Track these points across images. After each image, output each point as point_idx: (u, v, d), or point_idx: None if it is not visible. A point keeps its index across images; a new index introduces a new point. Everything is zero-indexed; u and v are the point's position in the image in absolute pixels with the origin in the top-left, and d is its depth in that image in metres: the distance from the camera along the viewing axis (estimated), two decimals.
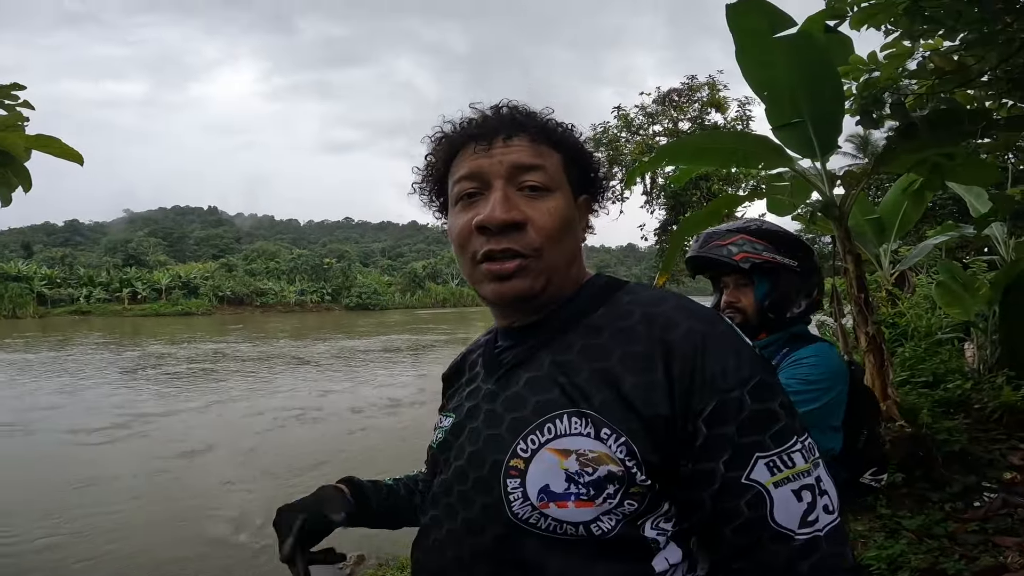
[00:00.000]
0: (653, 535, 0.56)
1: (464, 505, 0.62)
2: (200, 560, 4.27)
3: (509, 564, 0.58)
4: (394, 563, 4.14)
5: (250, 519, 4.86)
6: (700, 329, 0.57)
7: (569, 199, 0.64)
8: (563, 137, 0.66)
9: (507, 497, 0.57)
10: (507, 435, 0.59)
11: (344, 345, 20.32)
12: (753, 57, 2.69)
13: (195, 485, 5.87)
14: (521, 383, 0.62)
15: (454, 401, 0.73)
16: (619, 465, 0.54)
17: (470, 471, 0.62)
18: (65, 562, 4.22)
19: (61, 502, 5.30)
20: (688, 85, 12.30)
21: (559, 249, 0.62)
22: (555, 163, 0.64)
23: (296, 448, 7.17)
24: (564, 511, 0.55)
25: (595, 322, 0.62)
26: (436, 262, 60.03)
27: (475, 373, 0.72)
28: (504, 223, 0.59)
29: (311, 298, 46.34)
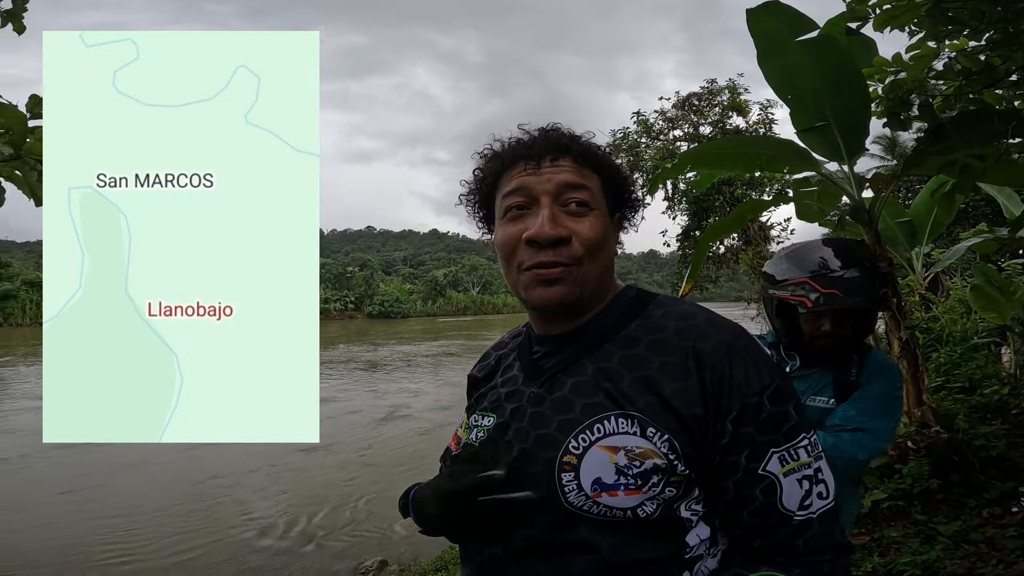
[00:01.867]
0: (687, 515, 0.65)
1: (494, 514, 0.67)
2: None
3: (562, 548, 0.65)
4: (415, 568, 4.19)
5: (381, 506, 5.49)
6: (727, 341, 0.65)
7: (606, 217, 0.71)
8: (602, 161, 0.72)
9: (562, 489, 0.64)
10: (558, 435, 0.66)
11: (403, 350, 21.09)
12: (775, 61, 2.68)
13: (322, 477, 6.47)
14: (567, 388, 0.69)
15: (488, 401, 0.78)
16: (663, 459, 0.62)
17: (522, 468, 0.68)
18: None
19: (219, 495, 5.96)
20: (708, 89, 12.16)
21: (597, 262, 0.69)
22: (595, 184, 0.70)
23: (400, 442, 7.93)
24: (615, 499, 0.62)
25: (631, 333, 0.69)
26: (457, 270, 60.40)
27: (512, 375, 0.77)
28: (553, 239, 0.66)
29: (335, 306, 47.04)
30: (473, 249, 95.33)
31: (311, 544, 4.90)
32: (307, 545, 4.87)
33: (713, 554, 0.66)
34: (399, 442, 7.97)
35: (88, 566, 4.41)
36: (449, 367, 17.00)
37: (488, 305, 57.47)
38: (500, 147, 0.73)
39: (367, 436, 8.43)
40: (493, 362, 0.84)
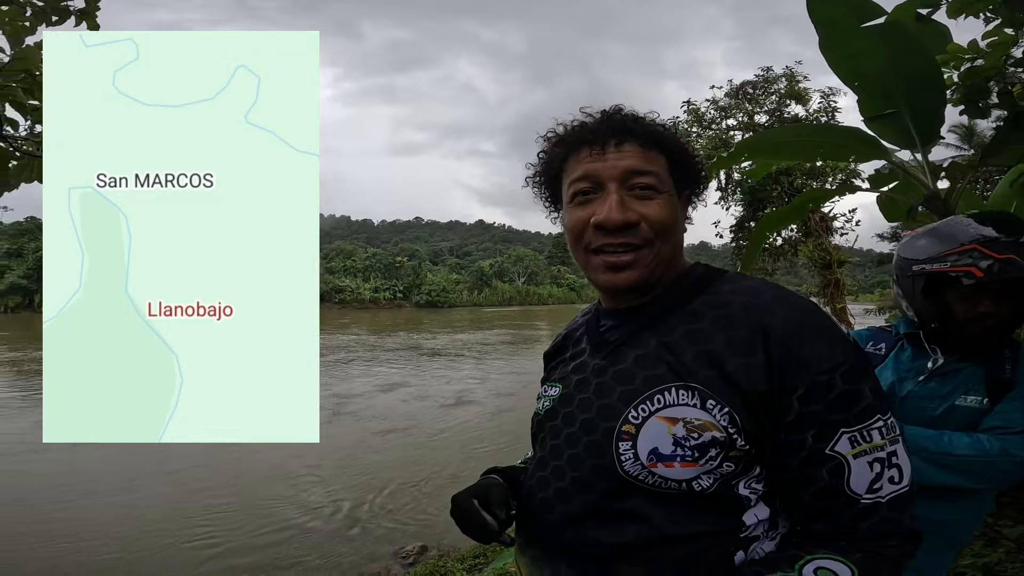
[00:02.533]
0: (746, 493, 0.65)
1: (574, 466, 0.70)
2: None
3: (616, 516, 0.66)
4: (455, 554, 4.26)
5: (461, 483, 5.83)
6: (797, 318, 0.63)
7: (675, 198, 0.71)
8: (668, 141, 0.72)
9: (619, 458, 0.65)
10: (618, 404, 0.67)
11: (461, 338, 21.86)
12: (839, 48, 2.58)
13: (397, 456, 6.95)
14: (630, 360, 0.69)
15: (558, 373, 0.80)
16: (722, 432, 0.62)
17: (582, 436, 0.70)
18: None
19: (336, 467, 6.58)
20: (763, 77, 11.67)
21: (666, 243, 0.69)
22: (663, 166, 0.70)
23: (469, 426, 8.36)
24: (671, 470, 0.63)
25: (696, 309, 0.69)
26: (503, 260, 60.69)
27: (580, 349, 0.79)
28: (621, 223, 0.67)
29: (384, 295, 48.38)
30: (519, 240, 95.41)
31: (356, 527, 5.08)
32: (353, 528, 5.06)
33: (772, 537, 0.65)
34: (468, 426, 8.35)
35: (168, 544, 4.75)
36: (509, 356, 17.55)
37: (533, 296, 57.45)
38: (564, 131, 0.74)
39: (440, 419, 8.85)
40: (562, 339, 0.87)
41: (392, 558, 4.59)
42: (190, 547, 4.67)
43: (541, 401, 0.80)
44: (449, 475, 6.32)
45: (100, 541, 4.73)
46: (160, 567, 4.33)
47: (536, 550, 0.74)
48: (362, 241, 75.87)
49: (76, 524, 4.96)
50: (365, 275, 50.21)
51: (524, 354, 18.24)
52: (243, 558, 4.47)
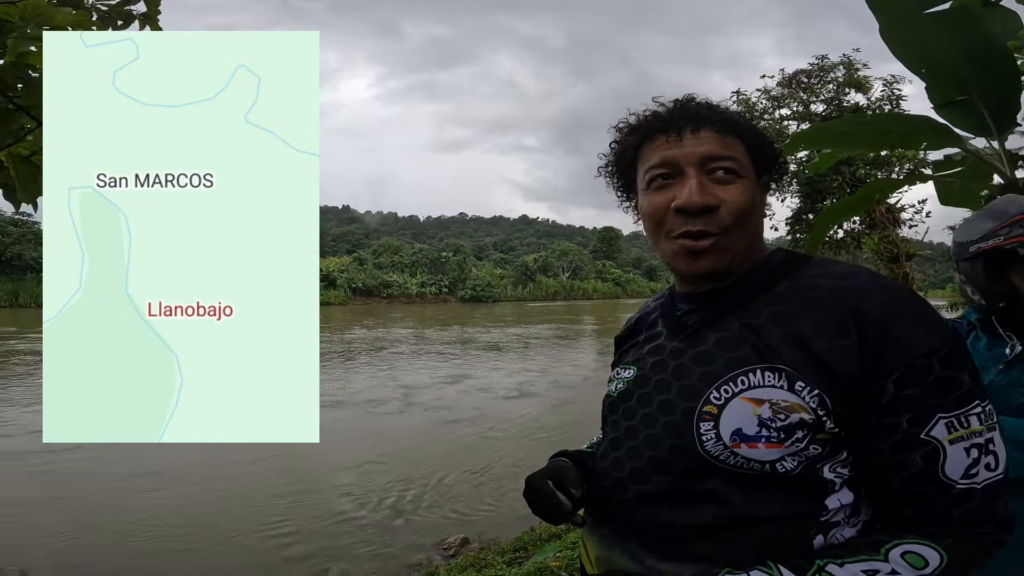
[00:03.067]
0: (831, 477, 0.64)
1: (651, 446, 0.70)
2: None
3: (694, 496, 0.66)
4: (495, 547, 4.27)
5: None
6: (895, 301, 0.63)
7: (754, 183, 0.71)
8: (744, 126, 0.72)
9: (699, 438, 0.65)
10: (699, 385, 0.67)
11: (514, 332, 22.43)
12: (903, 34, 2.45)
13: (460, 445, 7.27)
14: (710, 342, 0.70)
15: (631, 356, 0.82)
16: (810, 413, 0.61)
17: (660, 416, 0.70)
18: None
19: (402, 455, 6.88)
20: (818, 65, 11.10)
21: (746, 229, 0.69)
22: (740, 151, 0.70)
23: (531, 415, 8.85)
24: (754, 451, 0.63)
25: (781, 292, 0.69)
26: (547, 255, 60.47)
27: (655, 332, 0.80)
28: (701, 207, 0.67)
29: (430, 290, 49.25)
30: (563, 234, 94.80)
31: (400, 519, 5.19)
32: (396, 520, 5.17)
33: (853, 524, 0.65)
34: (529, 418, 8.69)
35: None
36: (564, 349, 17.86)
37: (578, 291, 56.97)
38: (637, 120, 0.75)
39: (504, 410, 9.19)
40: (635, 322, 0.89)
41: (434, 549, 4.66)
42: (243, 538, 4.90)
43: (614, 383, 0.81)
44: (508, 464, 6.48)
45: (155, 533, 5.03)
46: (214, 557, 4.57)
47: (607, 529, 0.74)
48: (408, 237, 77.56)
49: (153, 513, 5.30)
50: (412, 270, 51.27)
51: (578, 347, 18.75)
52: (310, 544, 4.65)
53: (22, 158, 1.16)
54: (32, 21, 1.00)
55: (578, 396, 10.17)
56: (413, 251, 54.80)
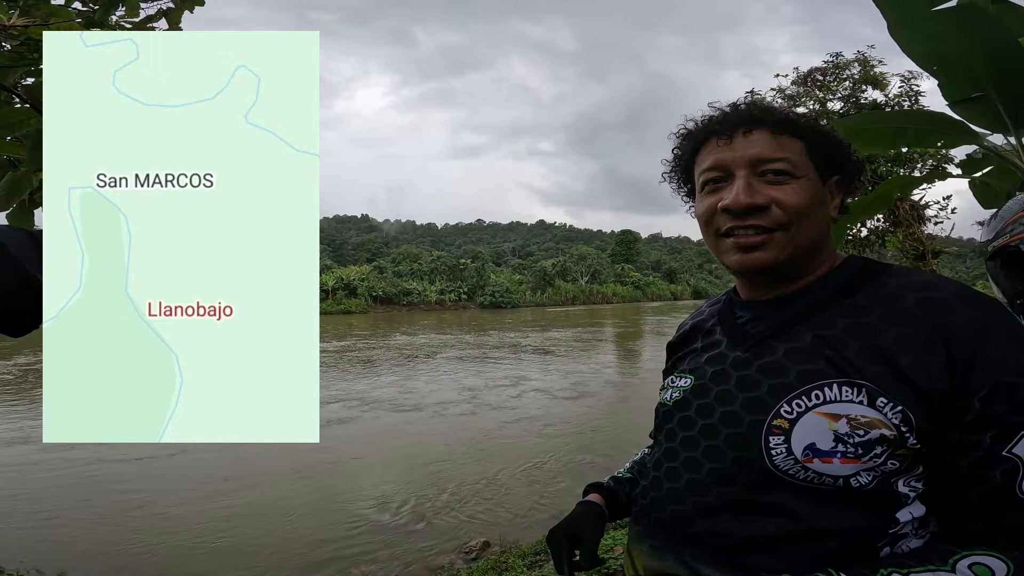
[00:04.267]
0: (905, 491, 0.63)
1: (712, 458, 0.69)
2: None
3: (757, 508, 0.65)
4: (516, 550, 4.25)
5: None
6: (984, 317, 0.61)
7: (816, 182, 0.69)
8: (805, 126, 0.71)
9: (768, 452, 0.64)
10: (768, 398, 0.66)
11: (554, 336, 23.24)
12: (912, 32, 2.42)
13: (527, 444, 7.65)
14: (779, 353, 0.68)
15: (687, 364, 0.80)
16: (892, 430, 0.60)
17: (722, 428, 0.69)
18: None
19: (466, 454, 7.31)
20: (833, 63, 10.95)
21: (805, 228, 0.68)
22: (798, 150, 0.69)
23: (591, 414, 9.38)
24: (828, 466, 0.62)
25: (859, 302, 0.67)
26: (565, 260, 60.32)
27: (713, 340, 0.78)
28: (747, 206, 0.67)
29: (449, 297, 49.49)
30: (580, 238, 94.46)
31: (422, 522, 5.20)
32: (418, 523, 5.18)
33: (921, 535, 0.64)
34: (589, 415, 9.21)
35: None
36: (608, 352, 18.37)
37: (597, 295, 56.65)
38: (693, 125, 0.76)
39: (566, 409, 9.69)
40: (689, 328, 0.87)
41: (455, 552, 4.65)
42: (267, 538, 4.96)
43: (668, 392, 0.80)
44: (560, 460, 6.72)
45: (187, 535, 5.11)
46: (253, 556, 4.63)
47: (659, 539, 0.73)
48: (427, 244, 78.17)
49: (184, 518, 5.41)
50: (431, 277, 51.63)
51: (620, 349, 19.11)
52: (335, 547, 4.69)
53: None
54: None
55: (633, 395, 10.76)
56: (432, 258, 55.21)
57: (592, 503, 0.91)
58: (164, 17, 1.63)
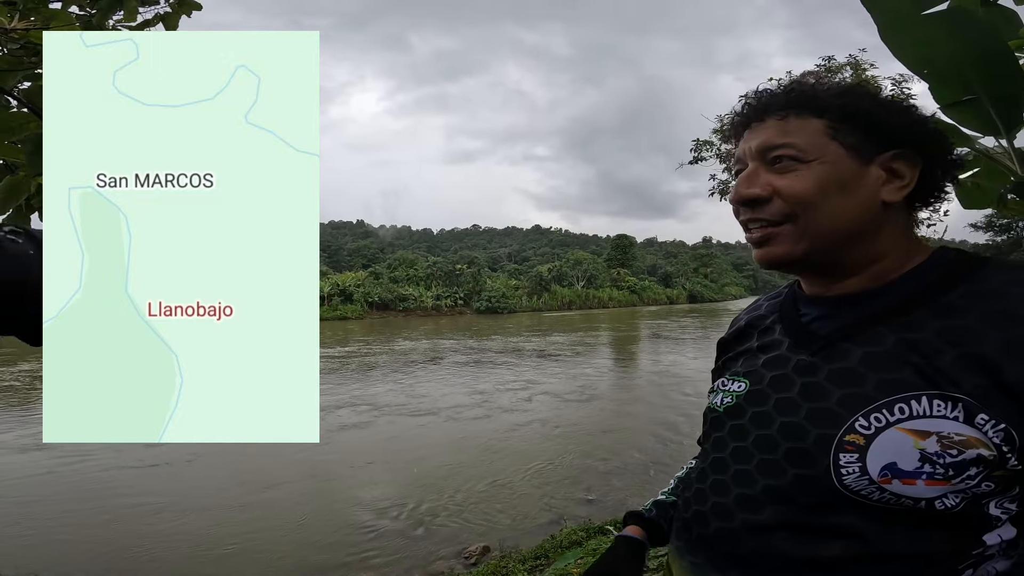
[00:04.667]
0: (996, 513, 0.58)
1: (767, 472, 0.63)
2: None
3: (819, 529, 0.60)
4: (516, 555, 4.23)
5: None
6: None
7: (838, 164, 0.63)
8: (824, 101, 0.64)
9: (837, 470, 0.58)
10: (840, 410, 0.59)
11: (556, 340, 23.60)
12: (902, 36, 2.44)
13: (539, 445, 7.88)
14: (855, 358, 0.61)
15: (741, 365, 0.74)
16: (992, 450, 0.54)
17: (782, 441, 0.63)
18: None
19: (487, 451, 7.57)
20: (825, 67, 11.09)
21: (819, 215, 0.62)
22: (812, 131, 0.64)
23: (601, 416, 9.66)
24: (910, 487, 0.56)
25: (954, 301, 0.59)
26: (561, 265, 60.37)
27: (772, 340, 0.72)
28: (744, 198, 0.65)
29: (446, 302, 49.39)
30: (576, 243, 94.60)
31: (420, 528, 5.17)
32: (417, 528, 5.15)
33: (1008, 556, 0.59)
34: (600, 418, 9.40)
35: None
36: (611, 355, 18.80)
37: (593, 299, 56.69)
38: (731, 119, 0.74)
39: (574, 412, 9.93)
40: (744, 324, 0.80)
41: (455, 558, 4.63)
42: (265, 540, 4.92)
43: (718, 395, 0.74)
44: (566, 463, 6.78)
45: (189, 541, 5.06)
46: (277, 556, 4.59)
47: (701, 557, 0.68)
48: (423, 250, 78.10)
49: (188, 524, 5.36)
50: (427, 283, 51.53)
51: (622, 352, 19.73)
52: (334, 554, 4.65)
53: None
54: None
55: (640, 396, 11.01)
56: (428, 264, 55.13)
57: (631, 539, 0.85)
58: (161, 21, 1.64)
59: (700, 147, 11.95)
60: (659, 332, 27.09)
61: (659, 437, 8.20)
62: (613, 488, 6.08)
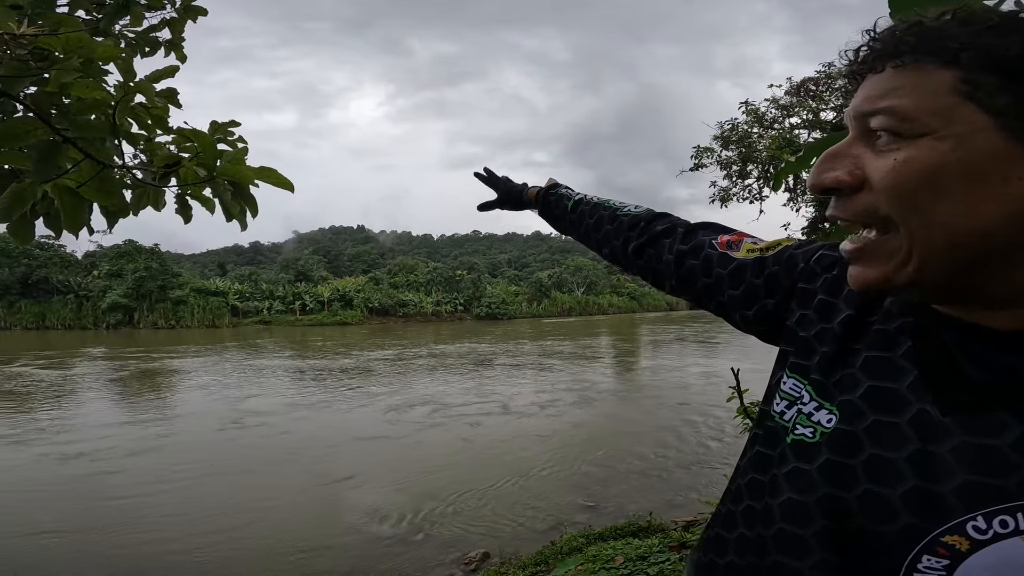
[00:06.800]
0: None
1: (825, 547, 0.47)
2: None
3: None
4: (516, 561, 4.21)
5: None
6: None
7: (972, 138, 0.40)
8: (962, 42, 0.41)
9: (911, 571, 0.43)
10: (954, 501, 0.42)
11: (589, 343, 24.16)
12: None
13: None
14: (1007, 437, 0.41)
15: (838, 383, 0.51)
16: None
17: (858, 514, 0.46)
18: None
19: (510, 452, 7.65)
20: (826, 73, 11.15)
21: (934, 217, 0.41)
22: (931, 89, 0.41)
23: (601, 421, 9.71)
24: None
25: None
26: (561, 271, 60.44)
27: (890, 362, 0.49)
28: (821, 186, 0.45)
29: (446, 308, 49.38)
30: (576, 250, 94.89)
31: (420, 534, 5.15)
32: (417, 535, 5.13)
33: None
34: (592, 427, 9.26)
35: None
36: (613, 360, 19.03)
37: (593, 306, 56.69)
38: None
39: (568, 419, 9.79)
40: (848, 318, 0.54)
41: (455, 564, 4.60)
42: (270, 541, 4.89)
43: (788, 413, 0.54)
44: (566, 470, 6.79)
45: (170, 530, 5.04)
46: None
47: None
48: (423, 255, 78.21)
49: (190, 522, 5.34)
50: (427, 289, 51.54)
51: (620, 357, 19.97)
52: (333, 559, 4.62)
53: (68, 190, 1.18)
54: (75, 53, 1.04)
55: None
56: (428, 270, 55.17)
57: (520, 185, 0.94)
58: (167, 27, 1.65)
59: (701, 154, 11.99)
60: (684, 336, 27.27)
61: (659, 442, 8.19)
62: (612, 495, 6.06)
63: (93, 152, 1.11)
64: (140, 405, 11.36)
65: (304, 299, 47.57)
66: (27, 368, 16.08)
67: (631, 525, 4.40)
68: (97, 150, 1.12)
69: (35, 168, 1.07)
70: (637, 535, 4.07)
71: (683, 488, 6.19)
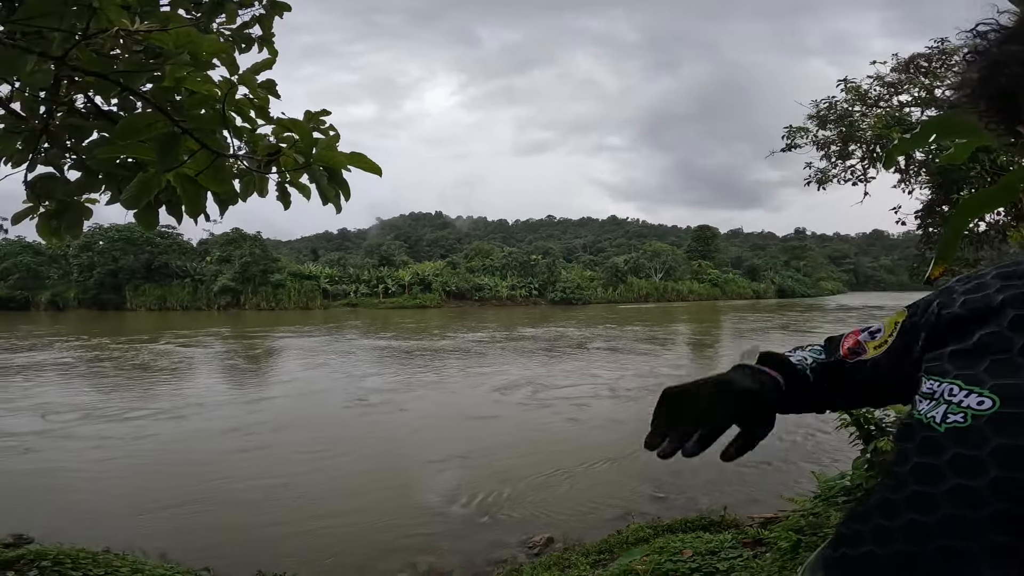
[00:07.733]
0: None
1: (1002, 527, 0.45)
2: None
3: None
4: (580, 548, 4.21)
5: None
6: None
7: None
8: None
9: None
10: None
11: (677, 329, 24.42)
12: None
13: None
14: None
15: (985, 366, 0.50)
16: None
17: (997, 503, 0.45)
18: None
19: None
20: (939, 48, 9.89)
21: None
22: None
23: None
24: None
25: None
26: (638, 256, 58.73)
27: None
28: None
29: (520, 292, 49.77)
30: (654, 234, 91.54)
31: (486, 516, 5.30)
32: (483, 517, 5.28)
33: None
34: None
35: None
36: (688, 348, 18.77)
37: (672, 292, 54.63)
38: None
39: (639, 408, 9.67)
40: (999, 304, 0.52)
41: (519, 547, 4.69)
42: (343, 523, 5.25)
43: (934, 403, 0.51)
44: (635, 458, 6.64)
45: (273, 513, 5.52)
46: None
47: None
48: (498, 241, 79.01)
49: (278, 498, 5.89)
50: (502, 273, 52.14)
51: (697, 345, 19.65)
52: (402, 536, 4.91)
53: (188, 178, 1.30)
54: (184, 48, 1.14)
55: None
56: (503, 254, 55.72)
57: (763, 370, 0.68)
58: (258, 23, 1.78)
59: (793, 134, 11.11)
60: (752, 327, 25.84)
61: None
62: (683, 486, 5.88)
63: (208, 142, 1.21)
64: (274, 382, 12.69)
65: (387, 282, 49.78)
66: (170, 346, 18.25)
67: (702, 519, 4.24)
68: (211, 140, 1.22)
69: (159, 158, 1.19)
70: (708, 529, 3.91)
71: (762, 484, 5.87)
